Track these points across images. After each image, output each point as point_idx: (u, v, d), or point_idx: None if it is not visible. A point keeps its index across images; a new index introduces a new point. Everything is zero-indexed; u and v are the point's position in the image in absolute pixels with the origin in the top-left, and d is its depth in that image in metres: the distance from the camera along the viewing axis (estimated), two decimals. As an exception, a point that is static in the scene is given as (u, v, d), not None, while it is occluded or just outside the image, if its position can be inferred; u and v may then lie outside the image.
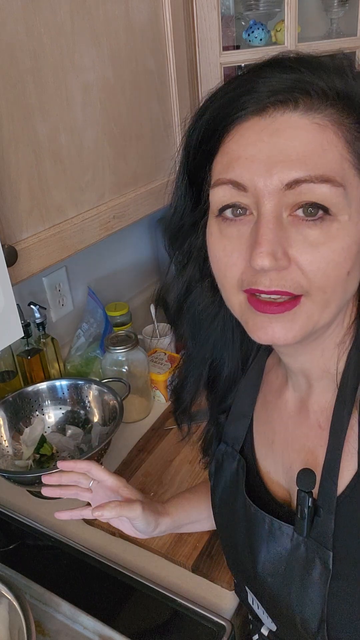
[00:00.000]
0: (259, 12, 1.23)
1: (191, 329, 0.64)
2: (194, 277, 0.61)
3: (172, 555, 0.92)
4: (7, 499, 1.08)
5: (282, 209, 0.46)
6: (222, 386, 0.69)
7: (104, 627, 0.80)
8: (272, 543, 0.60)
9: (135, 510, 0.71)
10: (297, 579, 0.57)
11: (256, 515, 0.62)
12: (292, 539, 0.58)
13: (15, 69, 0.72)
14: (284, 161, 0.45)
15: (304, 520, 0.55)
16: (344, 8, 1.24)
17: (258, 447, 0.67)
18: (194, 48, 1.09)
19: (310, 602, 0.56)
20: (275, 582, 0.60)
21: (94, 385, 1.16)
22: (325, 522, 0.55)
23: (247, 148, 0.47)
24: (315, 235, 0.46)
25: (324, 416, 0.58)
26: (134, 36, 0.93)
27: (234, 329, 0.64)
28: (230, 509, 0.68)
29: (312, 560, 0.56)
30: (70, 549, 0.94)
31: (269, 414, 0.66)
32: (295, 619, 0.59)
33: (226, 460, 0.69)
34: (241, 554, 0.66)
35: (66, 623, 0.83)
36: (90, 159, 0.88)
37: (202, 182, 0.54)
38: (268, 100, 0.46)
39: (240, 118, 0.48)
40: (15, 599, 0.76)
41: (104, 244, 1.10)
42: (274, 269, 0.46)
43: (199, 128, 0.52)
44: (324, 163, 0.45)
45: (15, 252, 0.76)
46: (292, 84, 0.46)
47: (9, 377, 1.21)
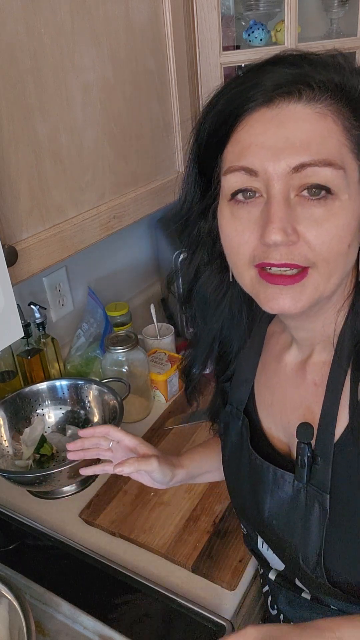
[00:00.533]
0: (259, 12, 1.23)
1: (201, 310, 0.69)
2: (203, 261, 0.66)
3: (172, 555, 0.92)
4: (7, 499, 1.08)
5: (290, 190, 0.52)
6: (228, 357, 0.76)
7: (104, 627, 0.80)
8: (275, 490, 0.67)
9: (151, 464, 0.76)
10: (298, 521, 0.64)
11: (261, 467, 0.68)
12: (293, 486, 0.64)
13: (15, 69, 0.72)
14: (290, 147, 0.50)
15: (304, 468, 0.62)
16: (344, 8, 1.24)
17: (259, 407, 0.73)
18: (194, 48, 1.09)
19: (311, 541, 0.63)
20: (280, 525, 0.67)
21: (94, 385, 1.16)
22: (322, 469, 0.61)
23: (257, 137, 0.52)
24: (320, 213, 0.51)
25: (319, 375, 0.64)
26: (134, 36, 0.93)
27: (241, 308, 0.69)
28: (237, 464, 0.74)
29: (311, 503, 0.63)
30: (70, 549, 0.94)
31: (268, 377, 0.73)
32: (297, 556, 0.66)
33: (232, 420, 0.76)
34: (249, 503, 0.72)
35: (66, 623, 0.83)
36: (90, 159, 0.88)
37: (212, 170, 0.58)
38: (274, 92, 0.51)
39: (249, 109, 0.52)
40: (15, 599, 0.76)
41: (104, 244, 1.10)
42: (284, 243, 0.51)
43: (209, 120, 0.56)
44: (326, 148, 0.50)
45: (16, 252, 0.76)
46: (295, 77, 0.51)
47: (9, 377, 1.21)
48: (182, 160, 1.12)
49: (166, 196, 1.08)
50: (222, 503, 1.02)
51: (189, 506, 1.01)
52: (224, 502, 1.02)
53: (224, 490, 1.03)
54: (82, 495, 1.07)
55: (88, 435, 0.80)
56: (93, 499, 1.05)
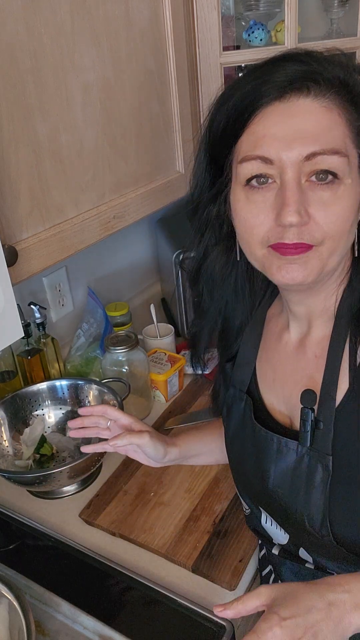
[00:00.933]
0: (259, 12, 1.23)
1: (208, 287, 0.75)
2: (210, 242, 0.71)
3: (172, 555, 0.92)
4: (7, 499, 1.08)
5: (301, 176, 0.58)
6: (231, 335, 0.81)
7: (104, 627, 0.80)
8: (280, 459, 0.71)
9: (143, 438, 0.80)
10: (302, 485, 0.68)
11: (266, 438, 0.72)
12: (297, 452, 0.69)
13: (15, 69, 0.72)
14: (301, 138, 0.57)
15: (307, 432, 0.66)
16: (344, 8, 1.24)
17: (261, 385, 0.78)
18: (194, 48, 1.09)
19: (315, 503, 0.67)
20: (285, 492, 0.71)
21: (94, 385, 1.16)
22: (325, 433, 0.66)
23: (271, 128, 0.58)
24: (328, 196, 0.58)
25: (320, 347, 0.69)
26: (134, 36, 0.93)
27: (243, 286, 0.76)
28: (241, 441, 0.78)
29: (314, 467, 0.67)
30: (70, 549, 0.94)
31: (269, 356, 0.77)
32: (303, 520, 0.69)
33: (234, 402, 0.80)
34: (253, 477, 0.76)
35: (66, 623, 0.83)
36: (90, 159, 0.88)
37: (224, 159, 0.64)
38: (285, 88, 0.57)
39: (263, 104, 0.58)
40: (15, 599, 0.76)
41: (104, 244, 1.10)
42: (299, 224, 0.57)
43: (224, 112, 0.62)
44: (332, 138, 0.57)
45: (16, 252, 0.76)
46: (305, 74, 0.57)
47: (9, 377, 1.21)
48: (182, 160, 1.12)
49: (166, 196, 1.09)
50: (222, 503, 1.02)
51: (189, 506, 1.01)
52: (224, 502, 1.02)
53: (224, 490, 1.04)
54: (82, 495, 1.07)
55: (87, 414, 0.85)
56: (93, 499, 1.05)
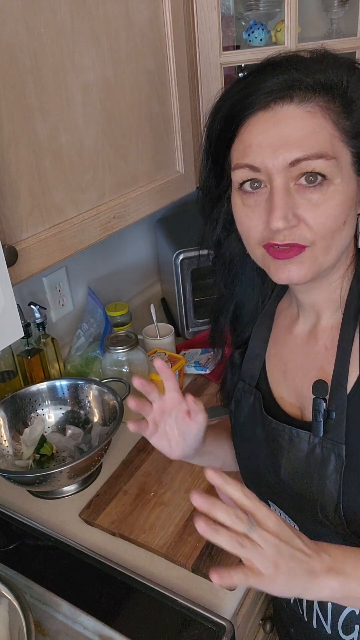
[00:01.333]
0: (259, 12, 1.23)
1: (223, 273, 0.79)
2: (222, 234, 0.75)
3: (172, 555, 0.92)
4: (7, 499, 1.08)
5: (289, 181, 0.59)
6: (242, 321, 0.83)
7: (104, 627, 0.80)
8: (292, 449, 0.71)
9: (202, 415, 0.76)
10: (315, 474, 0.69)
11: (277, 430, 0.73)
12: (309, 442, 0.69)
13: (15, 69, 0.72)
14: (285, 145, 0.58)
15: (320, 422, 0.67)
16: (344, 8, 1.24)
17: (271, 378, 0.79)
18: (194, 48, 1.09)
19: (328, 492, 0.67)
20: (297, 483, 0.71)
21: (94, 385, 1.16)
22: (337, 421, 0.66)
23: (257, 136, 0.60)
24: (316, 198, 0.59)
25: (330, 338, 0.71)
26: (134, 36, 0.93)
27: (255, 276, 0.79)
28: (250, 435, 0.79)
29: (327, 456, 0.67)
30: (70, 549, 0.94)
31: (279, 349, 0.78)
32: (316, 509, 0.69)
33: (244, 396, 0.81)
34: (263, 470, 0.77)
35: (66, 623, 0.83)
36: (90, 159, 0.88)
37: (224, 163, 0.67)
38: (269, 97, 0.59)
39: (249, 114, 0.60)
40: (15, 599, 0.76)
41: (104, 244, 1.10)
42: (286, 228, 0.59)
43: (217, 122, 0.65)
44: (317, 142, 0.58)
45: (16, 252, 0.76)
46: (285, 82, 0.59)
47: (9, 377, 1.21)
48: (182, 160, 1.12)
49: (166, 196, 1.09)
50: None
51: (189, 506, 1.01)
52: (224, 502, 1.01)
53: (224, 490, 1.04)
54: (82, 495, 1.07)
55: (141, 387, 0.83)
56: (93, 499, 1.05)
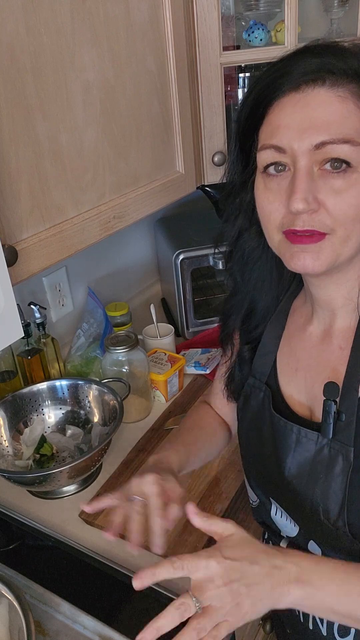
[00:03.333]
0: (259, 12, 1.23)
1: (240, 267, 0.78)
2: (244, 226, 0.74)
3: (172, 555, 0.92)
4: (7, 499, 1.08)
5: (313, 165, 0.59)
6: (255, 318, 0.81)
7: (104, 627, 0.80)
8: (298, 449, 0.71)
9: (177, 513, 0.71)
10: (321, 476, 0.68)
11: (285, 428, 0.73)
12: (316, 443, 0.69)
13: (15, 69, 0.72)
14: (312, 127, 0.58)
15: (330, 424, 0.67)
16: (344, 8, 1.24)
17: (281, 376, 0.78)
18: (194, 48, 1.09)
19: (333, 493, 0.67)
20: (301, 483, 0.71)
21: (94, 385, 1.16)
22: (347, 424, 0.66)
23: (285, 118, 0.60)
24: (339, 184, 0.59)
25: (345, 339, 0.70)
26: (134, 36, 0.93)
27: (272, 270, 0.77)
28: (257, 431, 0.78)
29: (335, 458, 0.67)
30: (70, 549, 0.94)
31: (292, 347, 0.78)
32: (318, 511, 0.69)
33: (253, 392, 0.80)
34: (268, 467, 0.76)
35: (66, 623, 0.83)
36: (91, 159, 0.88)
37: (251, 148, 0.66)
38: (301, 79, 0.59)
39: (279, 94, 0.60)
40: (15, 599, 0.76)
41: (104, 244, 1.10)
42: (306, 211, 0.59)
43: (247, 105, 0.65)
44: (345, 127, 0.57)
45: (16, 252, 0.76)
46: (320, 65, 0.58)
47: (9, 377, 1.21)
48: (182, 160, 1.12)
49: (166, 196, 1.09)
50: (222, 503, 1.01)
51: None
52: (224, 502, 1.02)
53: (224, 490, 1.04)
54: (82, 495, 1.07)
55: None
56: (93, 499, 1.05)
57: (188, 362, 1.40)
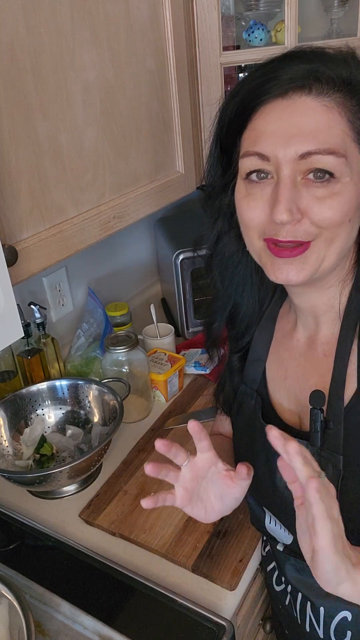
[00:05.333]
0: (259, 12, 1.23)
1: (219, 272, 0.76)
2: (223, 229, 0.73)
3: (172, 555, 0.92)
4: (7, 499, 1.08)
5: (297, 174, 0.58)
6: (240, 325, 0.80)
7: (104, 627, 0.80)
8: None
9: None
10: None
11: None
12: None
13: (15, 68, 0.72)
14: (298, 135, 0.57)
15: (317, 433, 0.66)
16: (344, 8, 1.24)
17: (271, 384, 0.78)
18: (194, 48, 1.09)
19: None
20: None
21: (94, 385, 1.16)
22: (334, 433, 0.65)
23: (270, 124, 0.58)
24: (322, 193, 0.58)
25: (329, 346, 0.69)
26: (134, 36, 0.93)
27: (252, 274, 0.76)
28: (250, 439, 0.77)
29: (324, 466, 0.65)
30: (70, 549, 0.94)
31: (280, 355, 0.77)
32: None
33: (245, 400, 0.80)
34: (261, 476, 0.74)
35: (66, 623, 0.83)
36: (91, 159, 0.88)
37: (232, 151, 0.65)
38: (288, 85, 0.57)
39: (266, 100, 0.59)
40: (15, 599, 0.76)
41: (104, 244, 1.10)
42: (290, 222, 0.58)
43: (231, 107, 0.63)
44: (330, 138, 0.56)
45: (15, 252, 0.76)
46: (307, 73, 0.57)
47: (9, 377, 1.21)
48: (182, 160, 1.12)
49: (166, 196, 1.09)
50: (222, 503, 1.01)
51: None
52: (224, 502, 1.01)
53: (224, 490, 1.04)
54: (82, 495, 1.07)
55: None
56: (93, 499, 1.05)
57: (188, 362, 1.40)
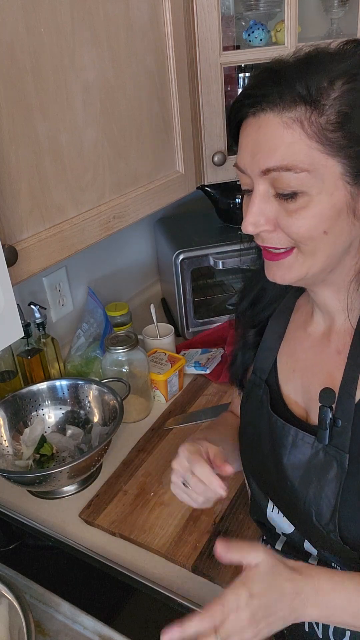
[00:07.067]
0: (259, 12, 1.23)
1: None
2: None
3: (172, 555, 0.92)
4: (7, 499, 1.08)
5: (269, 187, 0.61)
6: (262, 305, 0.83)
7: (104, 627, 0.80)
8: (294, 451, 0.71)
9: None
10: (314, 479, 0.69)
11: (282, 429, 0.73)
12: (312, 446, 0.69)
13: (15, 68, 0.72)
14: (260, 153, 0.60)
15: (326, 430, 0.67)
16: (344, 8, 1.24)
17: (281, 375, 0.79)
18: (194, 48, 1.09)
19: (326, 497, 0.67)
20: (296, 484, 0.71)
21: (94, 385, 1.16)
22: (343, 430, 0.66)
23: (244, 140, 0.62)
24: (292, 206, 0.60)
25: (342, 343, 0.70)
26: (134, 36, 0.93)
27: None
28: (256, 428, 0.79)
29: (329, 463, 0.67)
30: (70, 549, 0.94)
31: (292, 346, 0.78)
32: (310, 513, 0.69)
33: (254, 389, 0.81)
34: (266, 464, 0.76)
35: (66, 623, 0.83)
36: (90, 159, 0.88)
37: None
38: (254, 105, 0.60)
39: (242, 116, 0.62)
40: (15, 599, 0.76)
41: (104, 244, 1.10)
42: (255, 233, 0.62)
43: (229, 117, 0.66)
44: (289, 154, 0.58)
45: (16, 252, 0.76)
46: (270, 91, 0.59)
47: (9, 377, 1.21)
48: (182, 160, 1.12)
49: (166, 196, 1.09)
50: (222, 503, 1.01)
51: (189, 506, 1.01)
52: (224, 502, 1.02)
53: (224, 490, 1.04)
54: (82, 495, 1.07)
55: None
56: (93, 499, 1.05)
57: (188, 362, 1.40)
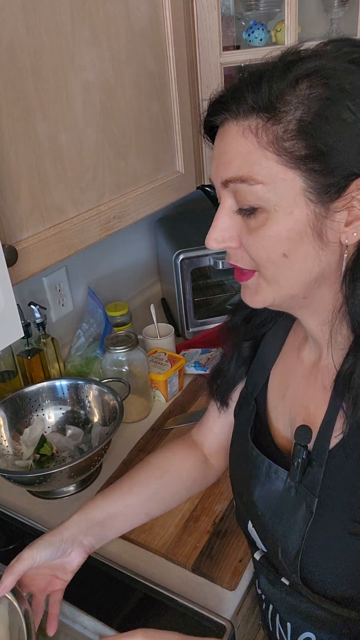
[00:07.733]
0: (259, 12, 1.23)
1: None
2: None
3: (172, 555, 0.92)
4: (7, 499, 1.08)
5: (233, 202, 0.57)
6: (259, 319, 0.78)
7: (104, 627, 0.80)
8: (267, 483, 0.69)
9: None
10: (284, 516, 0.67)
11: (257, 458, 0.71)
12: (285, 482, 0.67)
13: (15, 68, 0.72)
14: (220, 164, 0.57)
15: (298, 469, 0.65)
16: (344, 8, 1.24)
17: (270, 396, 0.76)
18: (194, 48, 1.09)
19: (292, 537, 0.66)
20: (266, 515, 0.70)
21: (94, 385, 1.16)
22: (315, 472, 0.63)
23: (214, 151, 0.60)
24: (252, 224, 0.56)
25: (329, 379, 0.64)
26: (134, 36, 0.93)
27: None
28: (242, 445, 0.77)
29: (299, 503, 0.65)
30: (70, 549, 0.94)
31: (286, 368, 0.75)
32: (277, 547, 0.68)
33: (244, 403, 0.79)
34: (244, 486, 0.75)
35: (66, 623, 0.83)
36: (90, 159, 0.88)
37: None
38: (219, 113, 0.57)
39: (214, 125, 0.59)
40: (15, 599, 0.76)
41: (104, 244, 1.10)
42: (217, 249, 0.59)
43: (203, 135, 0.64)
44: (245, 165, 0.54)
45: (16, 252, 0.76)
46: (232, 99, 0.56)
47: (9, 377, 1.21)
48: (182, 160, 1.12)
49: (166, 196, 1.09)
50: (222, 503, 1.02)
51: (189, 506, 1.01)
52: (224, 502, 1.02)
53: (224, 490, 1.04)
54: (82, 495, 1.07)
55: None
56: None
57: (188, 362, 1.40)
